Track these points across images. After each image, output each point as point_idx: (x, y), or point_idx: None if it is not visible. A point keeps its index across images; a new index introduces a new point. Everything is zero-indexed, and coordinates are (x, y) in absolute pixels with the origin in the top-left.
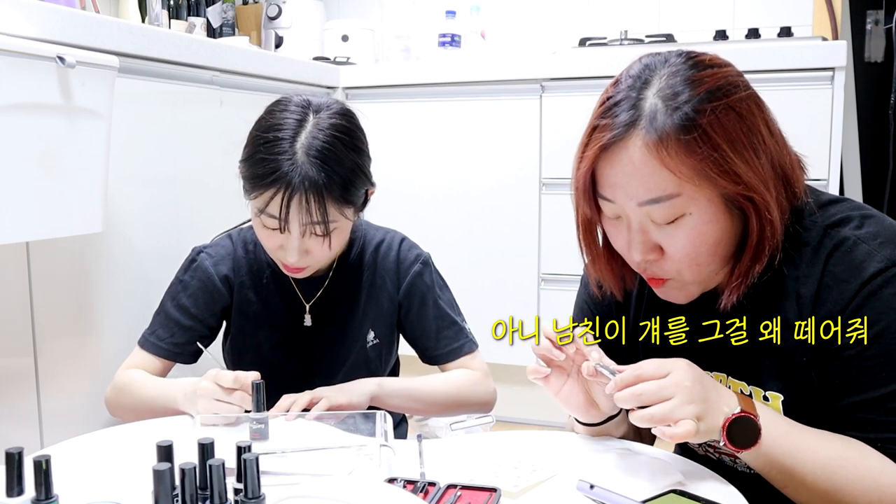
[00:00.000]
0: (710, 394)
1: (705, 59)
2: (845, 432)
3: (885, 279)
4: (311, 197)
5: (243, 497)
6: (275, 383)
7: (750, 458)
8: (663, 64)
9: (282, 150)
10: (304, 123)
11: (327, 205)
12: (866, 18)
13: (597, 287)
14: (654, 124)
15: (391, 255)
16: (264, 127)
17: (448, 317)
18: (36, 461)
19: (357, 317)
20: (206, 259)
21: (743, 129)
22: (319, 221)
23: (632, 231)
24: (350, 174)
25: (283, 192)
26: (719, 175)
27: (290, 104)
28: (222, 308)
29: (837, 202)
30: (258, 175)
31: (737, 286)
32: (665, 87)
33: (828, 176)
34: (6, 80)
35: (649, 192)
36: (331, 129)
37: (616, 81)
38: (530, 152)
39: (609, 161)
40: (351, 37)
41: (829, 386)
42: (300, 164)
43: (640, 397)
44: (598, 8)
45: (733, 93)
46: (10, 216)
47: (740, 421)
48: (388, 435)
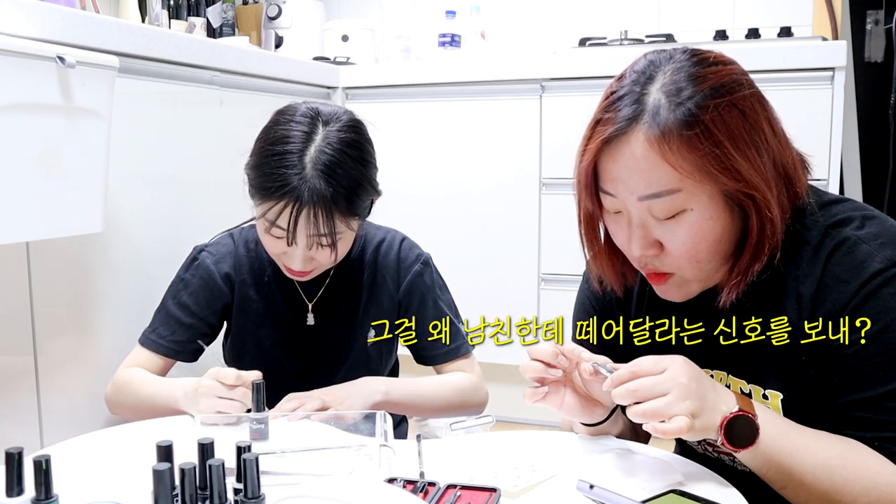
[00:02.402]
0: (708, 392)
1: (710, 56)
2: (843, 432)
3: (885, 279)
4: (319, 211)
5: (243, 497)
6: (275, 381)
7: (747, 458)
8: (668, 60)
9: (291, 164)
10: (313, 136)
11: (335, 218)
12: (866, 18)
13: (598, 283)
14: (657, 119)
15: (392, 255)
16: (272, 139)
17: (447, 317)
18: (36, 461)
19: (358, 315)
20: (207, 258)
21: (745, 127)
22: (326, 234)
23: (632, 226)
24: (357, 187)
25: (292, 206)
26: (720, 172)
27: (297, 114)
28: (223, 306)
29: (839, 202)
30: (266, 187)
31: (736, 284)
32: (669, 82)
33: (828, 176)
34: (6, 80)
35: (650, 187)
36: (339, 143)
37: (621, 76)
38: (530, 152)
39: (611, 155)
40: (351, 37)
41: (827, 385)
42: (309, 178)
43: (635, 393)
44: (598, 8)
45: (737, 90)
46: (10, 216)
47: (738, 420)
48: (387, 435)
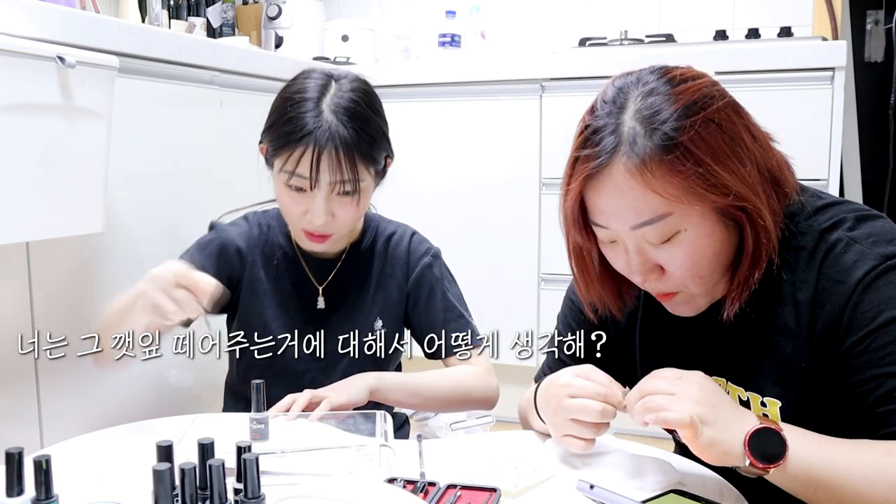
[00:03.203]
0: (724, 407)
1: (678, 73)
2: (879, 433)
3: (878, 273)
4: (340, 152)
5: (243, 497)
6: (280, 365)
7: (779, 477)
8: (636, 84)
9: (308, 109)
10: (328, 87)
11: (356, 160)
12: (866, 18)
13: (592, 311)
14: (635, 148)
15: (402, 246)
16: (289, 92)
17: (455, 309)
18: (36, 461)
19: (366, 304)
20: (223, 230)
21: (725, 140)
22: (348, 179)
23: (630, 254)
24: (375, 132)
25: (313, 149)
26: (707, 190)
27: (313, 73)
28: (233, 276)
29: (835, 205)
30: (286, 133)
31: (737, 295)
32: (642, 108)
33: (828, 176)
34: (6, 80)
35: (640, 216)
36: (352, 91)
37: (592, 108)
38: (530, 152)
39: (596, 189)
40: (351, 37)
41: (842, 391)
42: (328, 121)
43: (645, 396)
44: (598, 8)
45: (710, 104)
46: (10, 216)
47: (763, 434)
48: (388, 435)
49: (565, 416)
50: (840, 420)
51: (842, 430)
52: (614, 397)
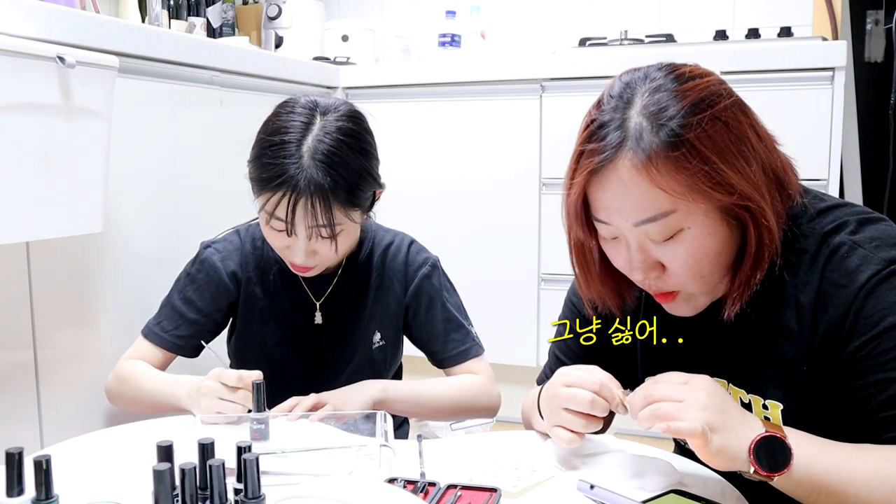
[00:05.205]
0: (731, 412)
1: (686, 71)
2: (882, 438)
3: (882, 277)
4: (316, 201)
5: (243, 497)
6: (279, 381)
7: (783, 483)
8: (644, 80)
9: (288, 154)
10: (311, 126)
11: (333, 208)
12: (866, 18)
13: (591, 308)
14: (641, 144)
15: (400, 257)
16: (271, 130)
17: (456, 319)
18: (36, 461)
19: (364, 317)
20: (213, 254)
21: (731, 139)
22: (325, 224)
23: (631, 251)
24: (356, 177)
25: (290, 196)
26: (712, 188)
27: (297, 106)
28: (229, 304)
29: (838, 207)
30: (264, 178)
31: (739, 295)
32: (648, 104)
33: (828, 176)
34: (6, 80)
35: (643, 212)
36: (337, 132)
37: (598, 103)
38: (530, 152)
39: (600, 185)
40: (351, 37)
41: (845, 395)
42: (306, 167)
43: (652, 401)
44: (598, 8)
45: (717, 103)
46: (10, 216)
47: (768, 441)
48: (388, 435)
49: (558, 404)
50: (842, 423)
51: (844, 433)
52: (607, 391)
